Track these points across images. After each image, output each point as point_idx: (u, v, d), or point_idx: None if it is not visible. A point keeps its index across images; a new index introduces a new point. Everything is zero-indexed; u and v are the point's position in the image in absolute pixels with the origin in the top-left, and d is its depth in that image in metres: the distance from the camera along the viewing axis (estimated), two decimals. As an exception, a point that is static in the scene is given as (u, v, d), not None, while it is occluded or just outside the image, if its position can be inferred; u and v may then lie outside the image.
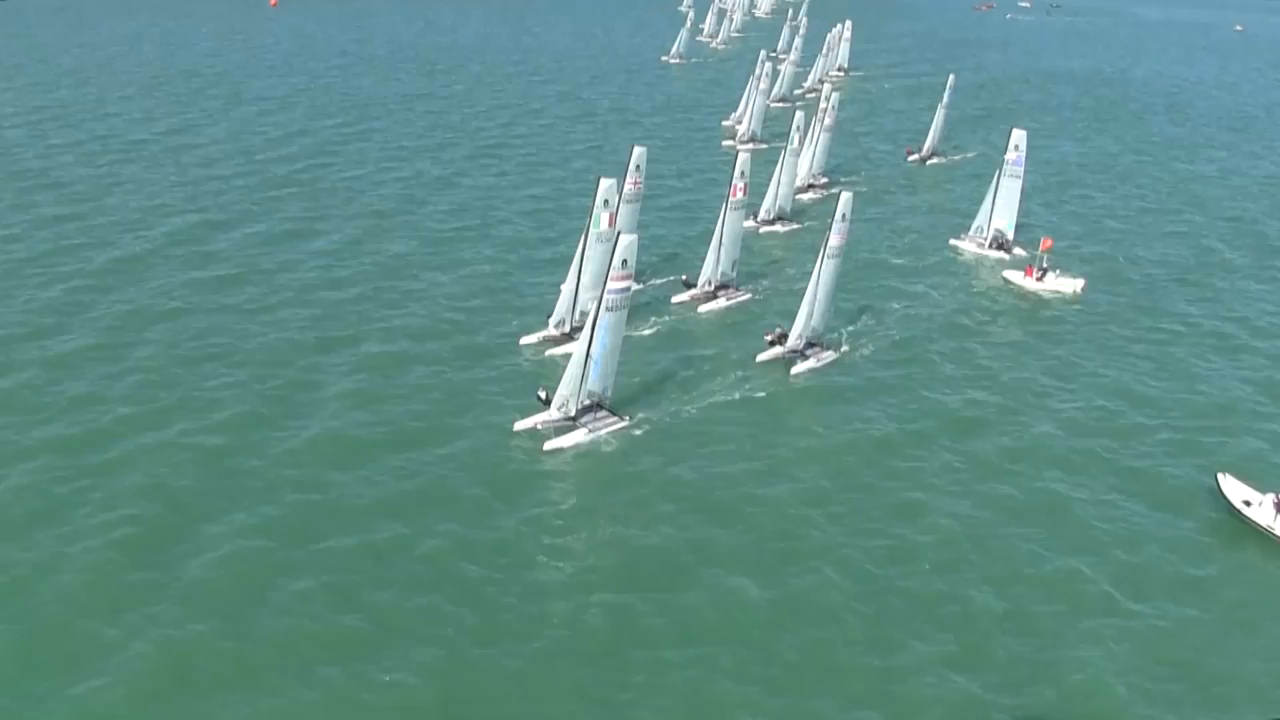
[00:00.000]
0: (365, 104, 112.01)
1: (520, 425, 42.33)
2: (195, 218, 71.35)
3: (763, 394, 49.12)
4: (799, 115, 75.13)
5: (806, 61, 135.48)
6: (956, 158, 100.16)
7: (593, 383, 42.08)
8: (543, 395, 42.49)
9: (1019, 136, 71.33)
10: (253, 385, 46.58)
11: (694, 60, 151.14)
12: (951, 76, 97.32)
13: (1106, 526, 40.07)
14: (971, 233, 74.02)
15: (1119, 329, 61.46)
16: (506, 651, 31.29)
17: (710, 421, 45.68)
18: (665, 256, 67.74)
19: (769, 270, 67.24)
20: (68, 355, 48.82)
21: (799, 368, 51.62)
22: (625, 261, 40.70)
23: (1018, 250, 71.91)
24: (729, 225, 60.07)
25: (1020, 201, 72.58)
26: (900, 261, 71.48)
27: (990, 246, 72.87)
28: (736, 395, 48.59)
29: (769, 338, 52.86)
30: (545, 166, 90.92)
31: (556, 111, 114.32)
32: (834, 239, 51.64)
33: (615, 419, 43.18)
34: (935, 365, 54.76)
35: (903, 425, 47.26)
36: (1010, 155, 71.57)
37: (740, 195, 59.42)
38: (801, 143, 77.33)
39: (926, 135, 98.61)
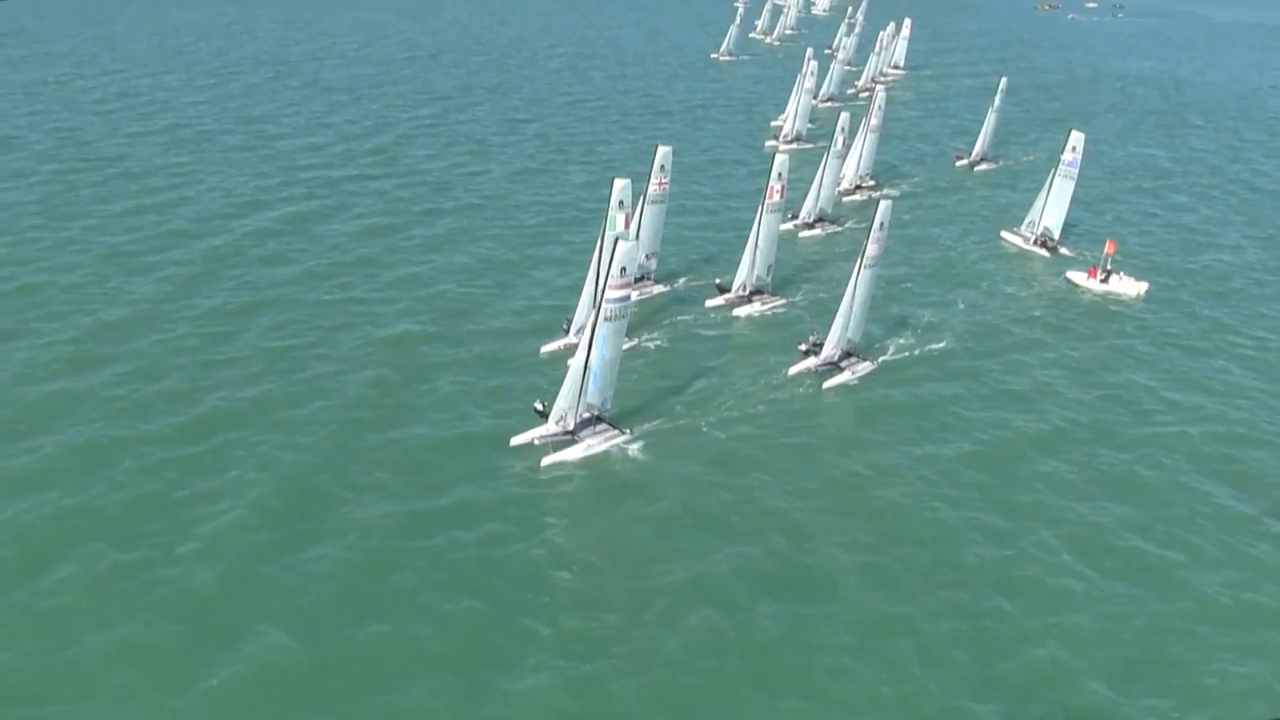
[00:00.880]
0: (436, 96, 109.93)
1: (517, 440, 39.56)
2: (272, 210, 69.99)
3: (790, 408, 46.08)
4: (843, 116, 71.83)
5: (860, 61, 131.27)
6: (1009, 163, 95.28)
7: (591, 395, 39.29)
8: (540, 407, 39.74)
9: (1076, 138, 70.42)
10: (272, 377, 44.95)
11: (744, 58, 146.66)
12: (1004, 79, 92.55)
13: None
14: (1023, 228, 73.03)
15: (1187, 334, 59.05)
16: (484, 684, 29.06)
17: (729, 438, 42.71)
18: (699, 259, 64.98)
19: (807, 275, 64.05)
20: (165, 345, 47.88)
21: (833, 380, 48.61)
22: (624, 269, 37.84)
23: (1063, 250, 70.83)
24: (765, 228, 57.17)
25: (1071, 202, 71.51)
26: (946, 268, 67.97)
27: (1035, 244, 71.33)
28: (761, 408, 45.68)
29: (802, 347, 49.91)
30: (570, 162, 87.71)
31: (606, 105, 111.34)
32: (871, 248, 48.76)
33: (616, 432, 40.28)
34: (988, 377, 51.40)
35: (941, 446, 43.86)
36: (1067, 156, 69.82)
37: (777, 197, 56.61)
38: (846, 144, 73.76)
39: (976, 139, 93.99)
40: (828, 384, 48.38)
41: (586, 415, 39.83)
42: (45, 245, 60.91)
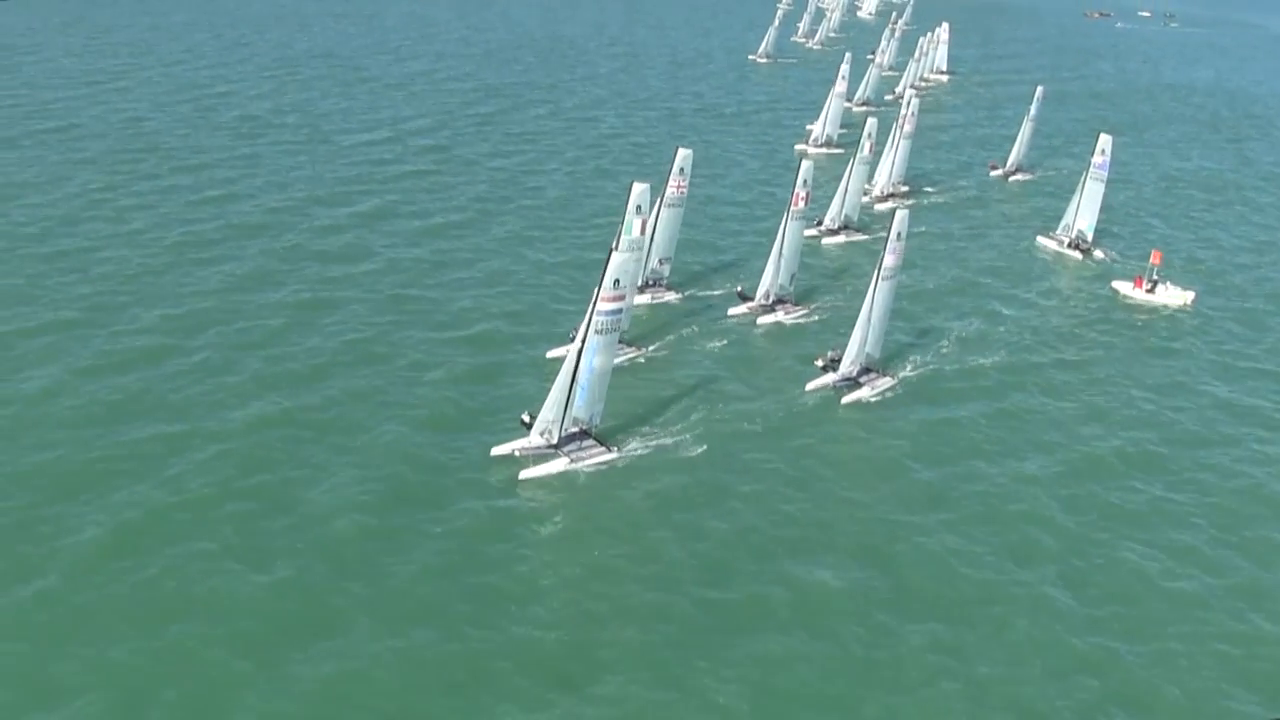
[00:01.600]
0: (487, 92, 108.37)
1: (498, 450, 37.39)
2: (337, 205, 68.38)
3: (801, 426, 43.30)
4: (870, 122, 69.60)
5: (900, 66, 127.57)
6: (1047, 173, 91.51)
7: (578, 409, 37.23)
8: (526, 419, 37.68)
9: (1105, 141, 69.58)
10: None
11: (782, 60, 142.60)
12: (1040, 88, 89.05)
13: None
14: (1059, 231, 72.38)
15: (1235, 345, 56.77)
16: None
17: (727, 458, 39.92)
18: (717, 265, 62.56)
19: (831, 284, 61.29)
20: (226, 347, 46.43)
21: (851, 396, 46.04)
22: (617, 281, 35.77)
23: (1097, 253, 70.11)
24: (790, 236, 54.89)
25: (1102, 205, 70.41)
26: (976, 279, 65.07)
27: (1069, 246, 70.80)
28: (770, 425, 43.05)
29: (819, 363, 47.32)
30: (595, 166, 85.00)
31: (636, 106, 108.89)
32: (889, 259, 46.31)
33: (602, 449, 38.07)
34: (1021, 396, 48.63)
35: (964, 481, 40.39)
36: (1096, 159, 69.78)
37: (802, 204, 54.35)
38: (873, 150, 70.96)
39: (1011, 148, 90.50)
40: (845, 400, 45.85)
41: (573, 429, 37.73)
42: (111, 234, 59.63)
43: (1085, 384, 50.92)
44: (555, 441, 37.18)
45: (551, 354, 46.28)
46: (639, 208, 45.33)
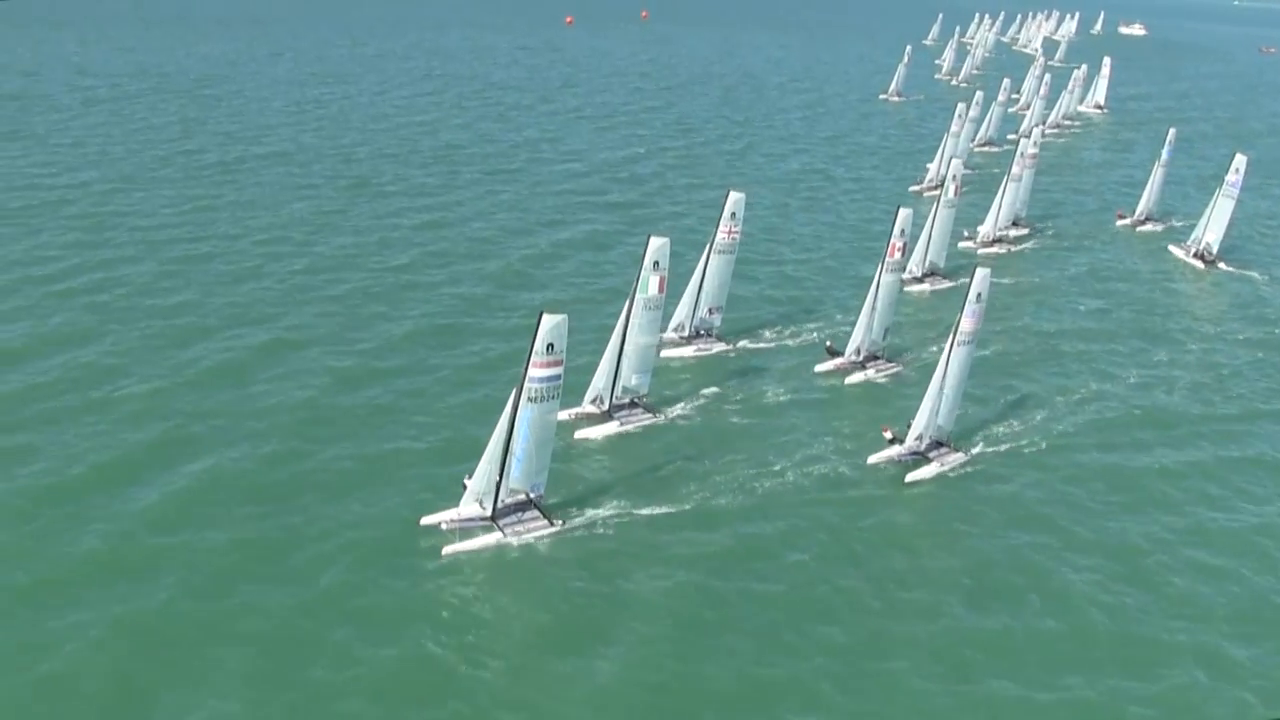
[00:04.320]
0: (678, 125, 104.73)
1: (428, 520, 31.85)
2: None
3: (854, 509, 35.67)
4: (955, 164, 61.63)
5: (1051, 105, 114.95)
6: (1183, 222, 78.86)
7: (515, 480, 31.67)
8: (467, 482, 32.38)
9: (1240, 160, 68.20)
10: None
11: (914, 98, 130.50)
12: (1171, 130, 77.27)
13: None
14: (1189, 242, 71.41)
15: None
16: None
17: (731, 540, 32.91)
18: (810, 317, 55.12)
19: (913, 338, 53.06)
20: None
21: (917, 474, 38.45)
22: (551, 346, 30.01)
23: (1221, 264, 68.69)
24: (884, 288, 47.99)
25: (1230, 221, 68.99)
26: (1078, 335, 55.49)
27: (1193, 255, 70.02)
28: (816, 500, 35.84)
29: (887, 434, 39.91)
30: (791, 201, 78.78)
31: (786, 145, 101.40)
32: (966, 322, 38.71)
33: (544, 523, 32.30)
34: (1130, 474, 40.13)
35: (1043, 563, 32.85)
36: (1230, 177, 68.50)
37: (898, 255, 47.77)
38: (959, 194, 62.39)
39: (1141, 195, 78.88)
40: (910, 477, 38.25)
41: (509, 501, 32.16)
42: (343, 254, 58.96)
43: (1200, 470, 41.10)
44: (489, 513, 31.71)
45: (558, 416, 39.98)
46: (656, 263, 39.99)
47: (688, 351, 48.72)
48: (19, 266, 53.19)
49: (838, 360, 48.50)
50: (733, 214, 47.99)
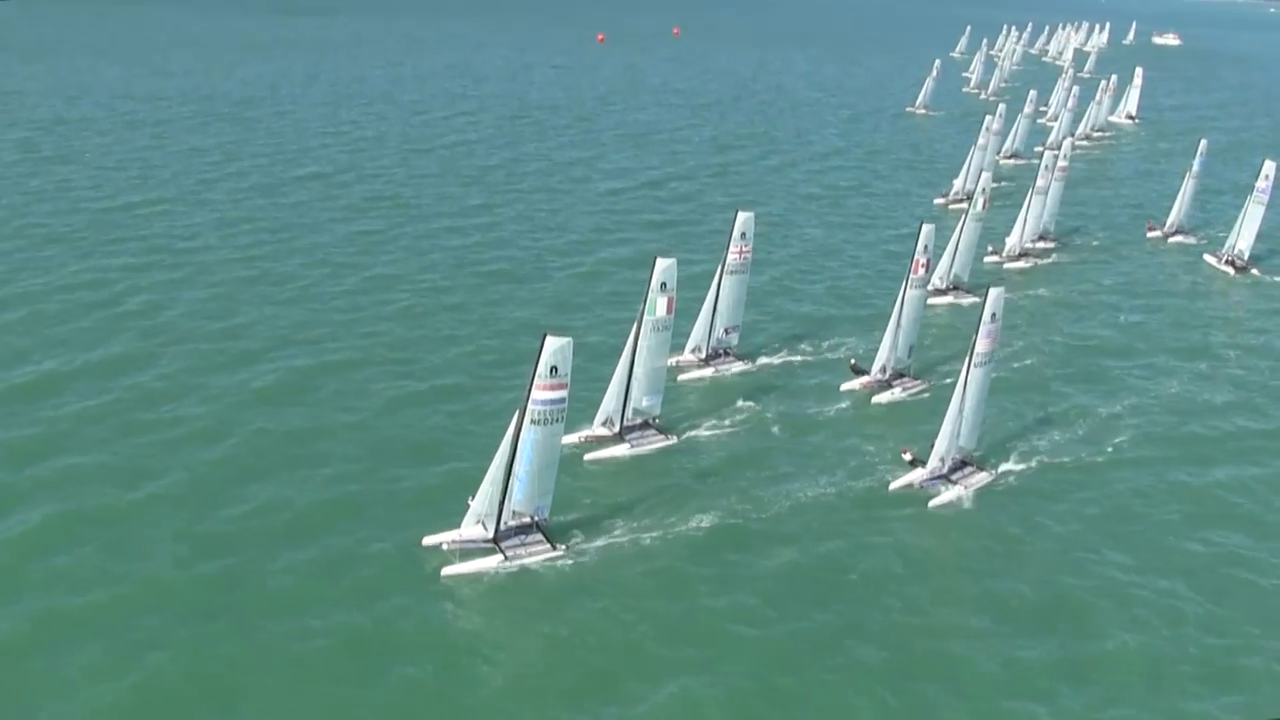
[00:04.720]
0: (714, 144, 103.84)
1: (430, 540, 31.62)
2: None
3: (872, 533, 34.79)
4: (985, 177, 60.90)
5: (1079, 117, 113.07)
6: (1212, 232, 77.16)
7: (518, 503, 31.35)
8: (471, 503, 32.03)
9: (1270, 167, 67.85)
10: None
11: (941, 111, 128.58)
12: (1203, 141, 75.37)
13: None
14: (1223, 250, 70.82)
15: None
16: None
17: (735, 568, 32.26)
18: (831, 334, 54.21)
19: (938, 355, 51.80)
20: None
21: (942, 498, 37.59)
22: (555, 369, 29.67)
23: (1254, 271, 68.57)
24: (909, 305, 47.07)
25: (1261, 227, 68.81)
26: (1113, 358, 53.54)
27: (1225, 262, 69.68)
28: (837, 523, 35.03)
29: (907, 456, 39.20)
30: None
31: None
32: (982, 343, 37.95)
33: (547, 547, 31.94)
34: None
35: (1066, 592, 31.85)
36: (1260, 184, 68.23)
37: (923, 271, 46.91)
38: (986, 207, 61.35)
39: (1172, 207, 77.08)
40: (934, 503, 37.31)
41: (513, 523, 31.83)
42: (380, 278, 58.85)
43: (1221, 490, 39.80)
44: (491, 535, 31.42)
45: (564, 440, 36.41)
46: (664, 284, 39.54)
47: (707, 373, 48.21)
48: (69, 291, 53.43)
49: (863, 379, 47.64)
50: (743, 234, 47.46)
